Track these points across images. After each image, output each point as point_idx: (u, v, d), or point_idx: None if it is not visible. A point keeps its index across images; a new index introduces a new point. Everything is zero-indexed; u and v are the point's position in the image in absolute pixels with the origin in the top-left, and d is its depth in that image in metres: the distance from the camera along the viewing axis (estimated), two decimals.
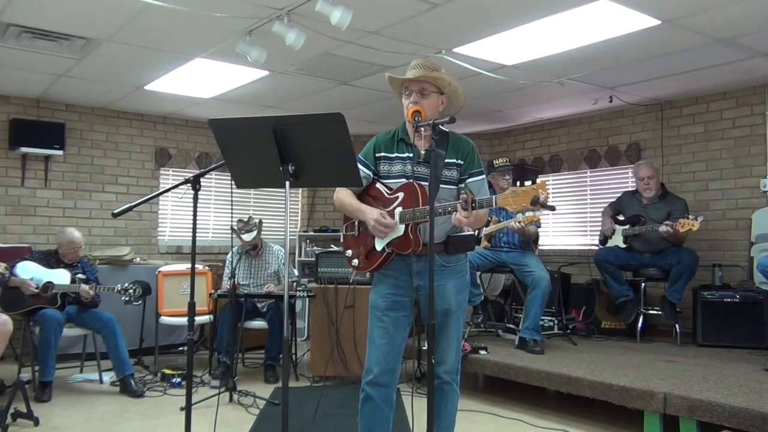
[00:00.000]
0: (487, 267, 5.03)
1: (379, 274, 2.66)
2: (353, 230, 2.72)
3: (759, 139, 5.37)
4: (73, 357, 5.28)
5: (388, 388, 2.58)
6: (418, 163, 2.60)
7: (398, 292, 2.60)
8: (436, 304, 2.47)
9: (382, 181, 2.65)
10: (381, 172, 2.66)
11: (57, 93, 5.87)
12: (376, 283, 2.67)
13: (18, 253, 5.10)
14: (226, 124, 2.41)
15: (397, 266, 2.59)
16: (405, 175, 2.61)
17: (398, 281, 2.60)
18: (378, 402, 2.55)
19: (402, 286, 2.59)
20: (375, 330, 2.60)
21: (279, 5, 3.70)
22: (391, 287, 2.61)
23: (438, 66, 2.63)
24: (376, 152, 2.66)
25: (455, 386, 2.67)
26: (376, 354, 2.56)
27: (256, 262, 5.44)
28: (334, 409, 4.21)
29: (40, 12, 3.90)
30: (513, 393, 4.42)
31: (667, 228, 4.79)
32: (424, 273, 2.44)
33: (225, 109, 6.27)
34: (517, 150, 7.40)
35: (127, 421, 4.00)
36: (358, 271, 2.72)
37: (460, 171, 2.61)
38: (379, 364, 2.55)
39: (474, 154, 2.64)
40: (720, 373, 3.88)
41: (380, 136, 2.70)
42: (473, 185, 2.59)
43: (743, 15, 3.80)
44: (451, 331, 2.62)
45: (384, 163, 2.65)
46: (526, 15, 3.83)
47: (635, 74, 5.07)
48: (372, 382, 2.56)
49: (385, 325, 2.58)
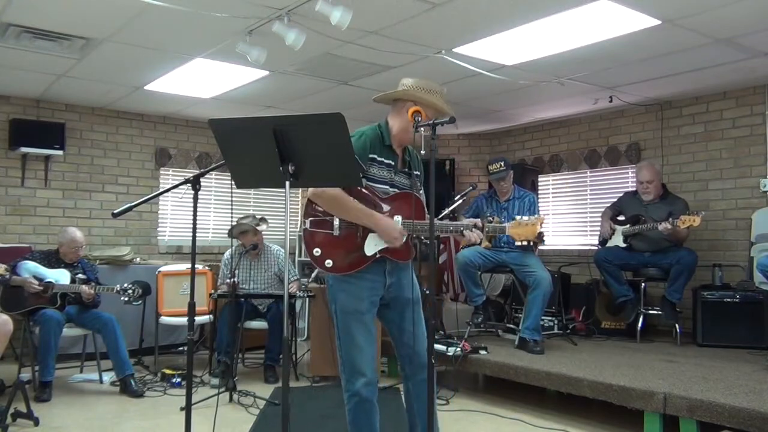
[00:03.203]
0: (488, 267, 5.02)
1: (351, 277, 2.60)
2: (330, 229, 2.61)
3: (759, 139, 5.37)
4: (73, 357, 5.28)
5: (376, 385, 2.62)
6: (396, 172, 2.71)
7: (375, 292, 2.64)
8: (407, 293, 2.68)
9: (368, 182, 2.62)
10: (370, 174, 2.64)
11: (57, 93, 5.87)
12: (347, 285, 2.60)
13: (18, 253, 5.10)
14: (226, 124, 2.40)
15: (374, 269, 2.62)
16: (386, 182, 2.67)
17: (374, 282, 2.62)
18: (374, 401, 2.59)
19: (377, 287, 2.63)
20: (358, 333, 2.57)
21: (279, 5, 3.70)
22: (368, 289, 2.61)
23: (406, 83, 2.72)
24: (370, 152, 2.64)
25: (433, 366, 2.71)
26: (365, 357, 2.57)
27: (256, 264, 5.44)
28: (334, 409, 4.20)
29: (40, 12, 3.90)
30: (513, 393, 4.42)
31: (667, 225, 4.79)
32: (393, 271, 2.65)
33: (225, 109, 6.27)
34: (517, 150, 7.40)
35: (127, 421, 4.00)
36: (330, 272, 2.62)
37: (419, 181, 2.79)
38: (369, 365, 2.57)
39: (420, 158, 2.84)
40: (720, 373, 3.88)
41: (369, 134, 2.66)
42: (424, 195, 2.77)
43: (743, 15, 3.80)
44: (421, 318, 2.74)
45: (375, 165, 2.66)
46: (526, 15, 3.83)
47: (635, 74, 5.07)
48: (367, 384, 2.56)
49: (368, 326, 2.60)
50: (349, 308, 2.59)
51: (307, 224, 2.65)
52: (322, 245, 2.61)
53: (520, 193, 5.04)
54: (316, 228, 2.64)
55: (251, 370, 5.40)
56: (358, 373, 2.55)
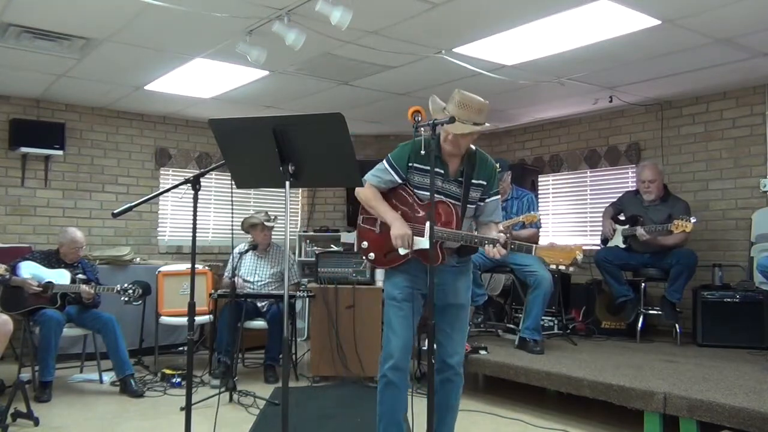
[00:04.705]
0: (488, 267, 5.02)
1: (393, 270, 2.83)
2: (374, 226, 2.88)
3: (759, 139, 5.37)
4: (73, 357, 5.28)
5: (406, 372, 2.77)
6: (448, 181, 2.77)
7: (414, 284, 2.78)
8: (450, 299, 2.77)
9: (413, 189, 2.81)
10: (415, 182, 2.80)
11: (57, 93, 5.87)
12: (391, 276, 2.84)
13: (18, 253, 5.10)
14: (226, 124, 2.41)
15: (413, 264, 2.77)
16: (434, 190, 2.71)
17: (414, 276, 2.78)
18: (398, 385, 2.74)
19: (417, 281, 2.77)
20: (395, 318, 2.76)
21: (279, 5, 3.70)
22: (408, 280, 2.78)
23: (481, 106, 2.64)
24: (410, 161, 2.77)
25: (462, 377, 2.87)
26: (398, 341, 2.73)
27: (263, 259, 5.45)
28: (334, 409, 4.21)
29: (40, 12, 3.90)
30: (513, 393, 4.42)
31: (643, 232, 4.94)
32: (438, 272, 2.60)
33: (225, 109, 6.27)
34: (517, 150, 7.40)
35: (127, 421, 4.00)
36: (372, 264, 2.94)
37: (482, 191, 2.82)
38: (400, 350, 2.72)
39: (495, 176, 2.85)
40: (720, 373, 3.87)
41: (415, 145, 2.70)
42: (490, 204, 2.84)
43: (743, 15, 3.80)
44: (463, 324, 2.85)
45: (417, 173, 2.78)
46: (526, 15, 3.83)
47: (635, 74, 5.07)
48: (393, 367, 2.72)
49: (405, 313, 2.75)
50: (389, 295, 2.82)
51: (360, 219, 2.95)
52: (368, 239, 2.90)
53: (519, 192, 5.04)
54: (364, 223, 2.93)
55: (251, 370, 5.40)
56: (388, 356, 2.74)
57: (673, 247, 5.00)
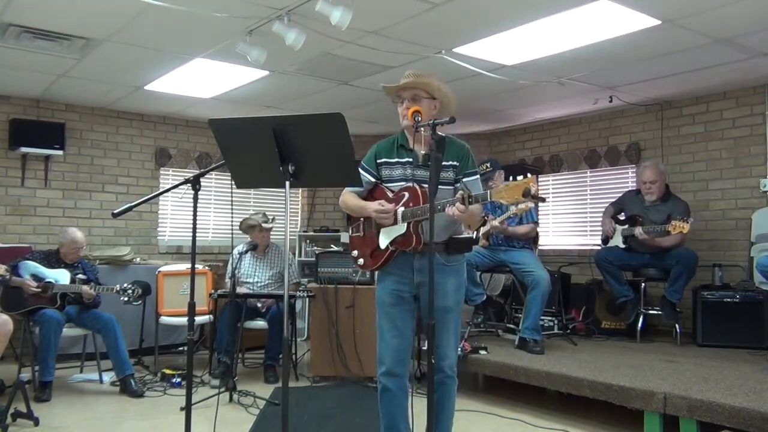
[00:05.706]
0: (487, 266, 5.02)
1: (382, 272, 2.84)
2: (359, 231, 2.92)
3: (759, 139, 5.37)
4: (73, 357, 5.28)
5: (401, 378, 2.76)
6: (417, 166, 2.76)
7: (401, 288, 2.77)
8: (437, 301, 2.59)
9: (385, 185, 2.82)
10: (383, 177, 2.83)
11: (57, 93, 5.87)
12: (380, 280, 2.86)
13: (18, 253, 5.10)
14: (226, 124, 2.41)
15: (399, 264, 2.77)
16: (406, 179, 2.78)
17: (401, 278, 2.77)
18: (394, 391, 2.74)
19: (404, 282, 2.76)
20: (384, 324, 2.77)
21: (279, 5, 3.70)
22: (395, 283, 2.78)
23: (429, 74, 2.81)
24: (377, 159, 2.83)
25: (456, 379, 2.85)
26: (387, 347, 2.74)
27: (262, 260, 5.45)
28: (334, 409, 4.21)
29: (40, 12, 3.90)
30: (513, 393, 4.42)
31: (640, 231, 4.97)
32: (425, 270, 2.55)
33: (225, 109, 6.27)
34: (517, 150, 7.40)
35: (127, 421, 4.00)
36: (363, 269, 2.98)
37: (455, 172, 2.77)
38: (390, 356, 2.73)
39: (469, 155, 2.80)
40: (720, 373, 3.88)
41: (380, 144, 2.87)
42: (469, 184, 2.76)
43: (743, 15, 3.80)
44: (451, 327, 2.78)
45: (385, 168, 2.82)
46: (526, 15, 3.83)
47: (635, 74, 5.07)
48: (386, 373, 2.74)
49: (393, 318, 2.75)
50: (379, 299, 2.82)
51: (350, 231, 3.00)
52: (356, 246, 2.94)
53: None
54: (352, 232, 2.98)
55: (251, 370, 5.40)
56: (380, 362, 2.76)
57: (670, 248, 5.00)
